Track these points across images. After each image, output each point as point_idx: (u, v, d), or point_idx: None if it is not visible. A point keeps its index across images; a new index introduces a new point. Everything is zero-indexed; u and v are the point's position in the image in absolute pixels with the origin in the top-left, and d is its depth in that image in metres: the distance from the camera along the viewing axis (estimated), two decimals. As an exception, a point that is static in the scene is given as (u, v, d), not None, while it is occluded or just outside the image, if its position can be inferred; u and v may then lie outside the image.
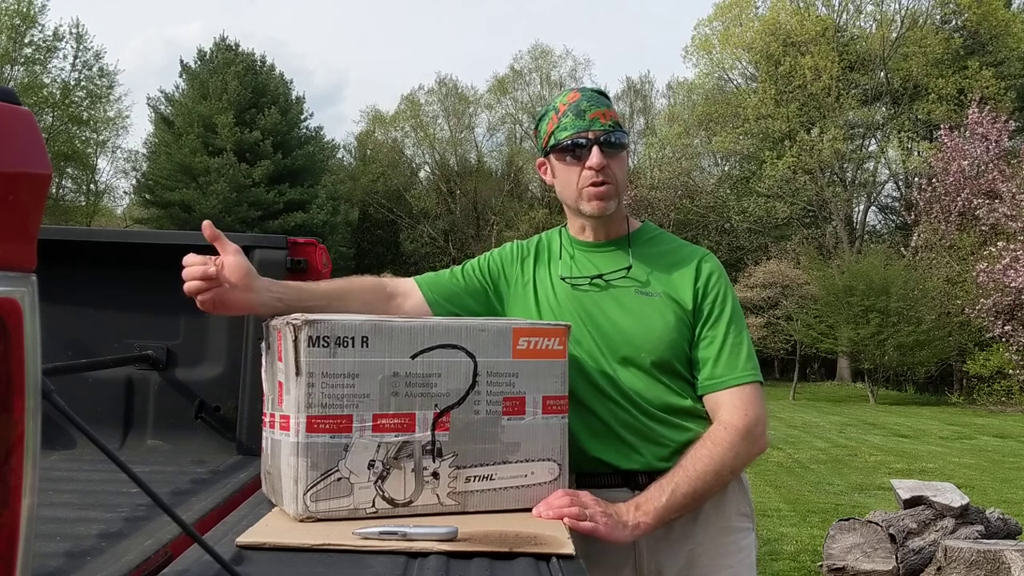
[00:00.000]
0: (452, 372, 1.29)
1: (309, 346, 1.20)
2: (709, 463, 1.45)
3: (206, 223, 1.35)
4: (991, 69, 29.08)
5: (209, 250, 1.33)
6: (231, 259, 1.33)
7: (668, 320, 1.56)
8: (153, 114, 32.41)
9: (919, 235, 23.22)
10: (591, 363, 1.56)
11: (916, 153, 29.82)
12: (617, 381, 1.55)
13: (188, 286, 1.32)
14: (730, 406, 1.52)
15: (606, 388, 1.55)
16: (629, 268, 1.61)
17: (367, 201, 36.79)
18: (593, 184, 1.56)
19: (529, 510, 1.32)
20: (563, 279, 1.63)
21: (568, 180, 1.60)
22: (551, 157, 1.63)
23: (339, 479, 1.21)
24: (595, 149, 1.54)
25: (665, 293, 1.59)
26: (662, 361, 1.55)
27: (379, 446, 1.24)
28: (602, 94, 1.62)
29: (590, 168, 1.55)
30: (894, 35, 31.21)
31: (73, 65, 31.30)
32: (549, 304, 1.62)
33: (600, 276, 1.62)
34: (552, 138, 1.60)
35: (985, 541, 4.51)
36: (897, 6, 31.88)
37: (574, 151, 1.56)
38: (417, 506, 1.26)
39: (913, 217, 24.15)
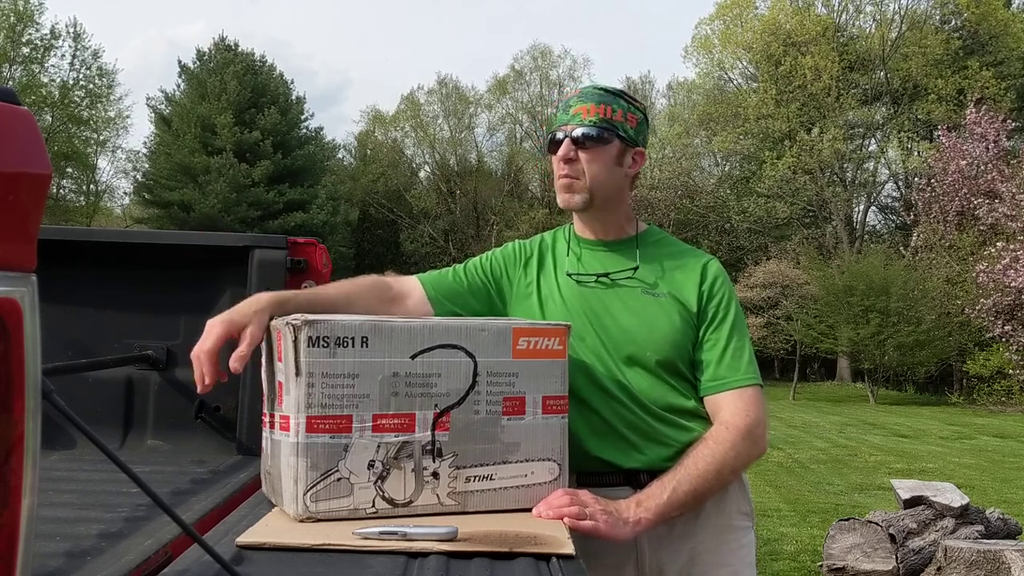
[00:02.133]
0: (452, 372, 1.28)
1: (309, 346, 1.20)
2: (711, 462, 1.46)
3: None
4: (991, 69, 29.09)
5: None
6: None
7: (673, 321, 1.57)
8: (153, 114, 32.44)
9: (919, 235, 23.22)
10: (595, 361, 1.56)
11: (916, 153, 29.83)
12: (621, 380, 1.55)
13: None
14: (732, 407, 1.52)
15: (609, 387, 1.55)
16: (636, 268, 1.61)
17: (367, 201, 36.76)
18: (560, 177, 1.60)
19: (529, 510, 1.32)
20: (569, 275, 1.64)
21: (553, 174, 1.64)
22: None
23: (339, 479, 1.21)
24: (565, 142, 1.57)
25: (670, 294, 1.59)
26: (667, 361, 1.55)
27: (379, 446, 1.23)
28: (607, 91, 1.61)
29: (558, 160, 1.59)
30: (894, 35, 31.22)
31: (71, 64, 31.35)
32: (554, 302, 1.62)
33: (606, 275, 1.62)
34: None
35: (985, 541, 4.51)
36: (897, 6, 31.92)
37: (560, 144, 1.59)
38: (417, 506, 1.26)
39: (913, 217, 24.14)
